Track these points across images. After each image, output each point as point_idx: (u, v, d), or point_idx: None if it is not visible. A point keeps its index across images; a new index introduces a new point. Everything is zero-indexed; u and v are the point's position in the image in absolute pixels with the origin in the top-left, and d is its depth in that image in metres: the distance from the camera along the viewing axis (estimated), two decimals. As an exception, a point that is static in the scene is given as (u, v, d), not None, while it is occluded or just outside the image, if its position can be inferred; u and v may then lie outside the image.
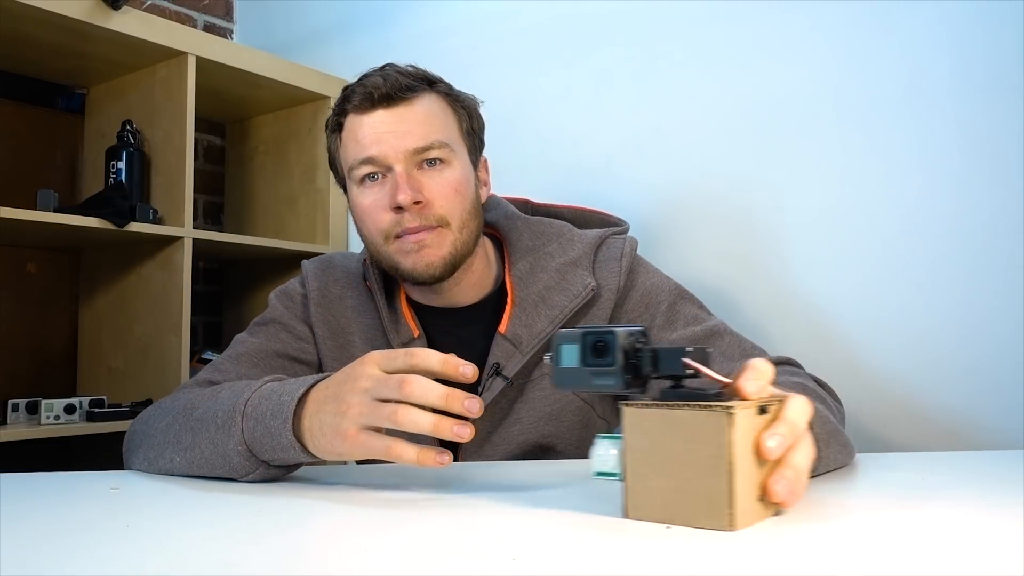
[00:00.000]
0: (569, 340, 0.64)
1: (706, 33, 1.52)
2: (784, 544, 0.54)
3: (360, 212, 1.05)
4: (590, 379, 0.62)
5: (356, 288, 1.14)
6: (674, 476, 0.57)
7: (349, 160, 1.05)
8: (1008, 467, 0.87)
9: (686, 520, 0.57)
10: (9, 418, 1.65)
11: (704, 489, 0.56)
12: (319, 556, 0.53)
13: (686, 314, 1.07)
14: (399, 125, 1.02)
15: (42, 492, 0.80)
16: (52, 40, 1.74)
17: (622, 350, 0.61)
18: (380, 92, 1.02)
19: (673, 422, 0.57)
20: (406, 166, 1.01)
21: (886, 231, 1.32)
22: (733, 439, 0.55)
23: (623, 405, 0.60)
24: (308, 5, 2.23)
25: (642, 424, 0.59)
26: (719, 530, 0.55)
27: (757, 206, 1.45)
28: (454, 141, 1.05)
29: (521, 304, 1.06)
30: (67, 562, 0.53)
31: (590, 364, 0.62)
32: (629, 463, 0.59)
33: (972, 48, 1.26)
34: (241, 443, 0.80)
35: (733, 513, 0.55)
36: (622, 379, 0.61)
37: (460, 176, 1.04)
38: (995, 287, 1.22)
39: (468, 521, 0.62)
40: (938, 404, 1.26)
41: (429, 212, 1.01)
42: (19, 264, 1.93)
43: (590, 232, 1.13)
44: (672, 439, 0.57)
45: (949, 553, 0.52)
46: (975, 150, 1.25)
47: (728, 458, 0.55)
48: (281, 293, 1.17)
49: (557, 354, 0.64)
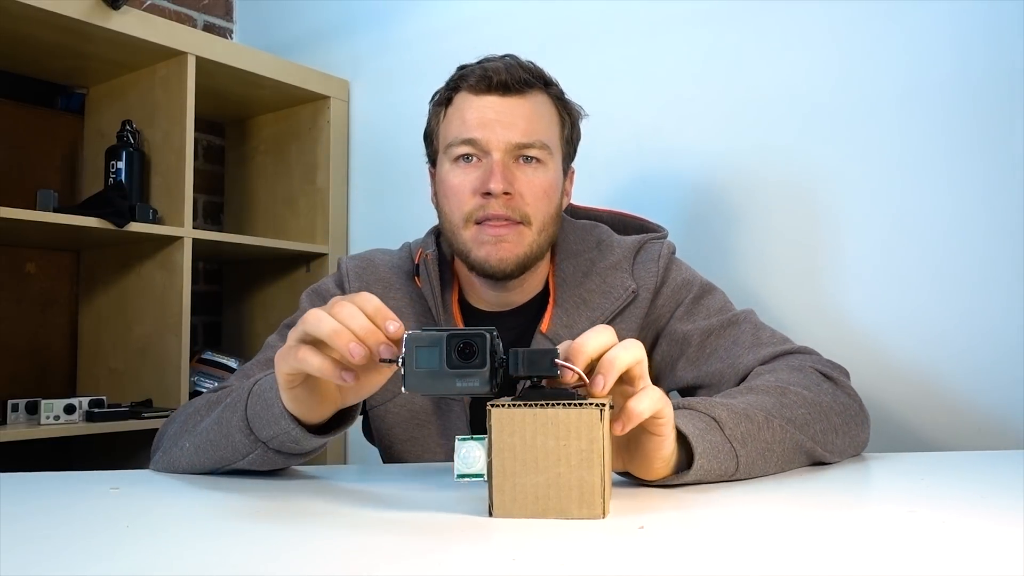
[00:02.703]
0: (428, 343, 0.64)
1: (706, 33, 1.52)
2: (783, 546, 0.54)
3: (447, 189, 1.04)
4: (453, 381, 0.64)
5: (400, 288, 1.12)
6: (546, 472, 0.60)
7: (450, 136, 1.04)
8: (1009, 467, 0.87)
9: (558, 513, 0.60)
10: (9, 418, 1.65)
11: (577, 482, 0.60)
12: (319, 556, 0.53)
13: (709, 305, 1.08)
14: (508, 115, 1.02)
15: (42, 492, 0.80)
16: (52, 40, 1.74)
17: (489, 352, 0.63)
18: (499, 78, 1.02)
19: (545, 420, 0.60)
20: (504, 156, 1.01)
21: (886, 231, 1.32)
22: (604, 433, 0.60)
23: (490, 406, 0.62)
24: (308, 5, 2.23)
25: (512, 424, 0.61)
26: (592, 519, 0.59)
27: (757, 206, 1.45)
28: (553, 144, 1.06)
29: (562, 304, 1.07)
30: (67, 562, 0.53)
31: (455, 366, 0.63)
32: (497, 462, 0.61)
33: (971, 48, 1.26)
34: (243, 419, 0.80)
35: (605, 501, 0.60)
36: (489, 381, 0.63)
37: (551, 179, 1.05)
38: (997, 288, 1.22)
39: (468, 521, 0.62)
40: (950, 403, 1.26)
41: (515, 205, 1.01)
42: (19, 264, 1.93)
43: (630, 238, 1.14)
44: (544, 436, 0.60)
45: (950, 553, 0.52)
46: (990, 153, 1.25)
47: (600, 451, 0.59)
48: (313, 293, 1.14)
49: (413, 356, 0.64)
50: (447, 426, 1.07)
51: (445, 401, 1.07)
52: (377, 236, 2.01)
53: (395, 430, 1.09)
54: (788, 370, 0.95)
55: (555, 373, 0.62)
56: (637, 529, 0.57)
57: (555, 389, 0.63)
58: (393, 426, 1.09)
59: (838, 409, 0.91)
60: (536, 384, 0.63)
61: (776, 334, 1.04)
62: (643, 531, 0.57)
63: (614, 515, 0.62)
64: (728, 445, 0.76)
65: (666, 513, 0.64)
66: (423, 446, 1.08)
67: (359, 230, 2.11)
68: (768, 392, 0.88)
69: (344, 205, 2.12)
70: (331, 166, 2.08)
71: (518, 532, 0.58)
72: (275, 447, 0.80)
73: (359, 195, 2.12)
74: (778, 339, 1.03)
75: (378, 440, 1.13)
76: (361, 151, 2.12)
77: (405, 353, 0.64)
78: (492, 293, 1.09)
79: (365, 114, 2.10)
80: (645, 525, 0.58)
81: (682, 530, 0.58)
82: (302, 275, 2.09)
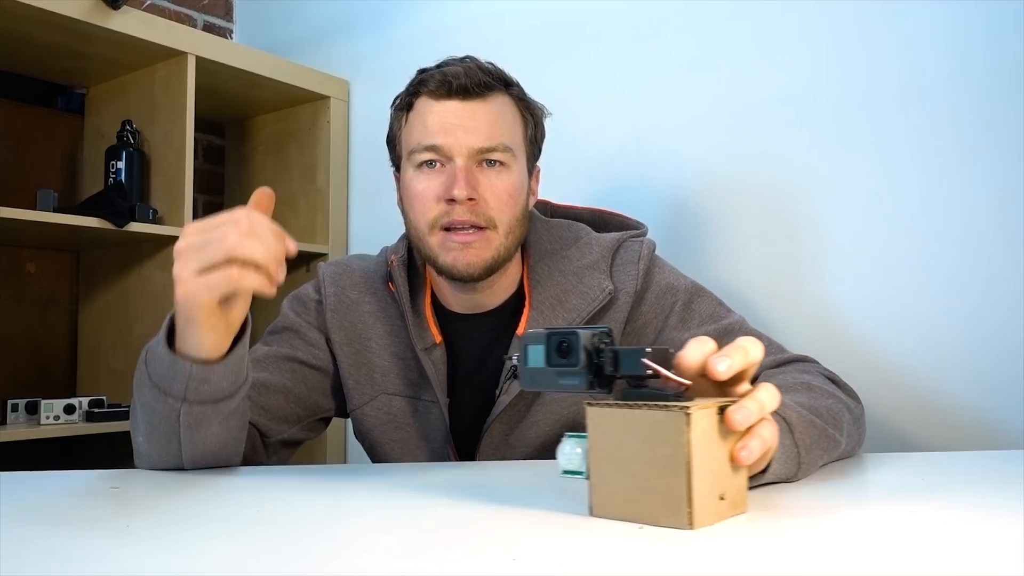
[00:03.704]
0: (536, 340, 0.64)
1: (706, 33, 1.52)
2: (782, 546, 0.54)
3: (411, 196, 1.04)
4: (555, 379, 0.63)
5: (374, 293, 1.12)
6: (635, 475, 0.58)
7: (412, 142, 1.04)
8: (1009, 467, 0.87)
9: (648, 519, 0.57)
10: (9, 418, 1.66)
11: (664, 488, 0.57)
12: (319, 556, 0.53)
13: (701, 312, 1.06)
14: (469, 120, 1.01)
15: (42, 492, 0.80)
16: (52, 40, 1.74)
17: (585, 350, 0.62)
18: (458, 83, 1.01)
19: (633, 422, 0.58)
20: (467, 162, 1.01)
21: (885, 231, 1.32)
22: (691, 438, 0.56)
23: (587, 404, 0.61)
24: (308, 5, 2.23)
25: (604, 424, 0.60)
26: (679, 528, 0.56)
27: (757, 206, 1.45)
28: (517, 146, 1.05)
29: (538, 307, 1.06)
30: (67, 562, 0.53)
31: (555, 364, 0.63)
32: (593, 462, 0.60)
33: (971, 48, 1.26)
34: (153, 386, 0.81)
35: (692, 512, 0.56)
36: (586, 379, 0.62)
37: (516, 182, 1.04)
38: (997, 288, 1.22)
39: (468, 521, 0.62)
40: (949, 404, 1.26)
41: (480, 211, 1.01)
42: (19, 264, 1.93)
43: (608, 236, 1.12)
44: (632, 439, 0.58)
45: (950, 553, 0.52)
46: (986, 153, 1.25)
47: (686, 457, 0.56)
48: (294, 299, 1.15)
49: (524, 354, 0.65)
50: (426, 429, 1.07)
51: (423, 404, 1.07)
52: (377, 236, 2.00)
53: (374, 433, 1.09)
54: (798, 373, 0.95)
55: (642, 372, 0.60)
56: (637, 529, 0.57)
57: (657, 390, 0.60)
58: (372, 429, 1.09)
59: (850, 407, 0.92)
60: (639, 384, 0.61)
61: (773, 342, 1.04)
62: (643, 531, 0.57)
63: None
64: (795, 450, 0.74)
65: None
66: (403, 448, 1.08)
67: (359, 230, 2.12)
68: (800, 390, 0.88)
69: (344, 205, 2.12)
70: (331, 166, 2.08)
71: (518, 532, 0.58)
72: (193, 399, 0.81)
73: (359, 195, 2.12)
74: (776, 347, 1.03)
75: (361, 442, 1.13)
76: (361, 151, 2.12)
77: (519, 351, 0.65)
78: (462, 296, 1.08)
79: (365, 114, 2.11)
80: (645, 525, 0.58)
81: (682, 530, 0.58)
82: (302, 275, 2.09)
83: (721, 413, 0.59)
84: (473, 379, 1.07)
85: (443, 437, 1.06)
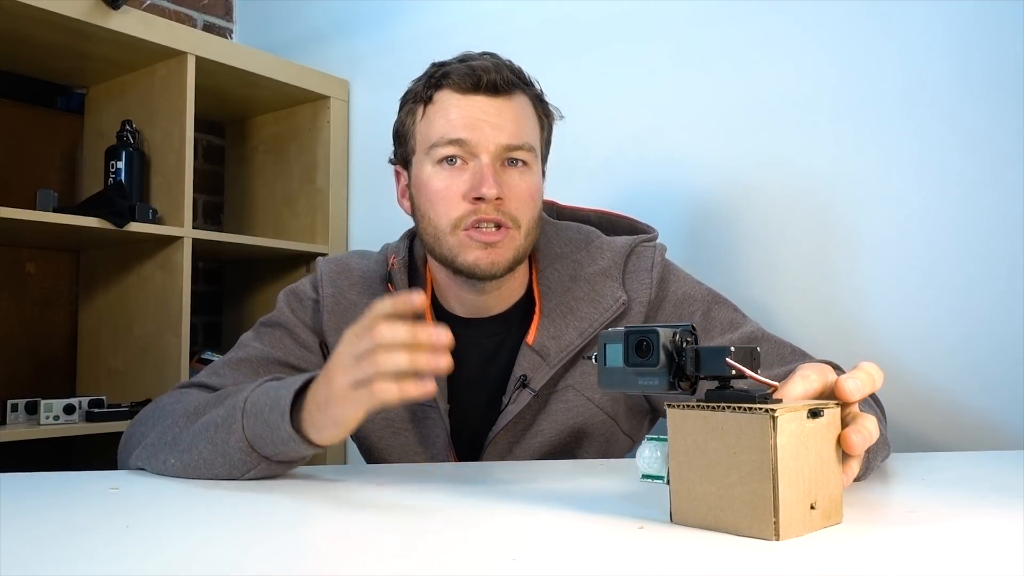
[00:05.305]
0: (614, 339, 0.62)
1: (706, 33, 1.52)
2: (782, 546, 0.54)
3: (431, 193, 1.00)
4: (635, 379, 0.60)
5: (374, 294, 1.08)
6: (718, 481, 0.55)
7: (433, 136, 1.00)
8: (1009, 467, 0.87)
9: (730, 527, 0.54)
10: (9, 418, 1.65)
11: (748, 495, 0.53)
12: (319, 556, 0.53)
13: (721, 320, 1.04)
14: (496, 116, 0.99)
15: (42, 492, 0.80)
16: (52, 40, 1.74)
17: (665, 349, 0.59)
18: (488, 78, 0.98)
19: (715, 424, 0.55)
20: (493, 159, 0.98)
21: (885, 231, 1.32)
22: (777, 443, 0.52)
23: (667, 406, 0.58)
24: (308, 5, 2.22)
25: (685, 426, 0.57)
26: (764, 539, 0.53)
27: (758, 206, 1.45)
28: (537, 147, 1.04)
29: (549, 314, 1.04)
30: (67, 562, 0.53)
31: (634, 363, 0.60)
32: (674, 466, 0.58)
33: (972, 48, 1.26)
34: (242, 439, 0.81)
35: (779, 522, 0.52)
36: (666, 379, 0.59)
37: (536, 183, 1.03)
38: (997, 288, 1.22)
39: (468, 521, 0.62)
40: (949, 404, 1.26)
41: (505, 209, 0.98)
42: (19, 264, 1.93)
43: (619, 240, 1.10)
44: (715, 442, 0.55)
45: (950, 553, 0.52)
46: (989, 151, 1.25)
47: (772, 463, 0.52)
48: (291, 293, 1.12)
49: (603, 354, 0.62)
50: (425, 434, 1.05)
51: (422, 409, 1.05)
52: (377, 236, 1.99)
53: (371, 438, 1.07)
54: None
55: (725, 372, 0.56)
56: (637, 529, 0.57)
57: (741, 392, 0.56)
58: (369, 434, 1.07)
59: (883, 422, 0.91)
60: (724, 385, 0.58)
61: (796, 348, 1.03)
62: (643, 531, 0.57)
63: (614, 515, 0.62)
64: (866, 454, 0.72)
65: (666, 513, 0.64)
66: (401, 454, 1.06)
67: (359, 230, 2.11)
68: None
69: (344, 205, 2.12)
70: (331, 166, 2.08)
71: (518, 532, 0.58)
72: (279, 459, 0.82)
73: (359, 195, 2.12)
74: (799, 353, 1.02)
75: (358, 446, 1.12)
76: (361, 151, 2.12)
77: (597, 351, 0.63)
78: (469, 299, 1.05)
79: (365, 114, 2.10)
80: (645, 525, 0.58)
81: (682, 530, 0.58)
82: (302, 275, 2.08)
83: (811, 416, 0.56)
84: (475, 385, 1.05)
85: (443, 443, 1.04)
